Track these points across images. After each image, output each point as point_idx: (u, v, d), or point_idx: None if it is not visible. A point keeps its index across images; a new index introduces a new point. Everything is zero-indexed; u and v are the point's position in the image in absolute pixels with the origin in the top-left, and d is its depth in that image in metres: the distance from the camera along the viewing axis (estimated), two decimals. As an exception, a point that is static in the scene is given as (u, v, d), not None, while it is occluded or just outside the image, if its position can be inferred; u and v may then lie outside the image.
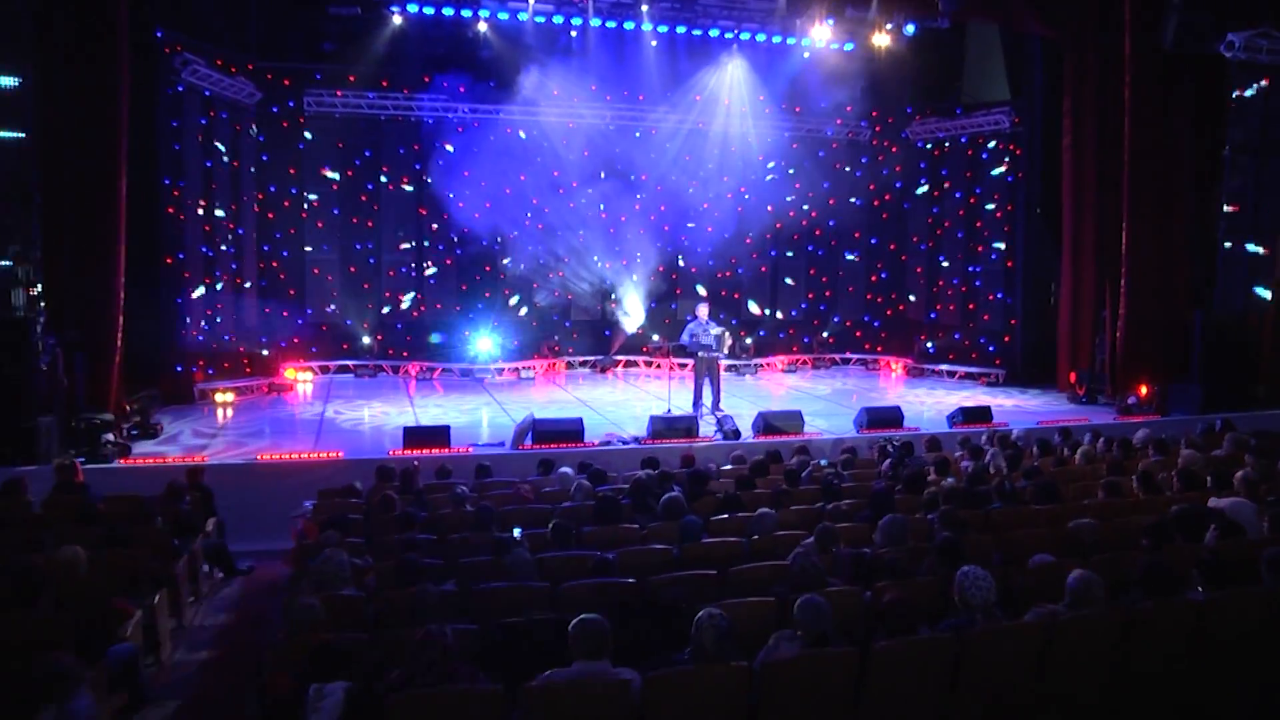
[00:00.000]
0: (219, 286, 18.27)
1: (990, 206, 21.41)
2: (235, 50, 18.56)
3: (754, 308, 23.34)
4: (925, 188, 22.86)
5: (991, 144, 21.25)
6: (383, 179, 20.73)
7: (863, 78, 21.20)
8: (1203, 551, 6.44)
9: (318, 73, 19.99)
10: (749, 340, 22.18)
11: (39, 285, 12.70)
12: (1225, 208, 16.83)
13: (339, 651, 4.81)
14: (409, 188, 20.65)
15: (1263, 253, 16.72)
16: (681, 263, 22.53)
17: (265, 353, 19.31)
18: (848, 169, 23.06)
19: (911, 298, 23.39)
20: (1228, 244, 16.85)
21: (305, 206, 20.42)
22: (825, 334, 23.78)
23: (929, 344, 22.26)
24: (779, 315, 23.60)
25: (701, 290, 22.11)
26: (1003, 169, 21.04)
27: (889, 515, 7.14)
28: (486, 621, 5.67)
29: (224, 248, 18.49)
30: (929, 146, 22.63)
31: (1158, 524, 6.78)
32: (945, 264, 22.46)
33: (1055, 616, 5.24)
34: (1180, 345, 17.24)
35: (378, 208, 20.87)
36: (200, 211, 17.74)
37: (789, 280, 23.66)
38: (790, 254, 23.55)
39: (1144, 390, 16.86)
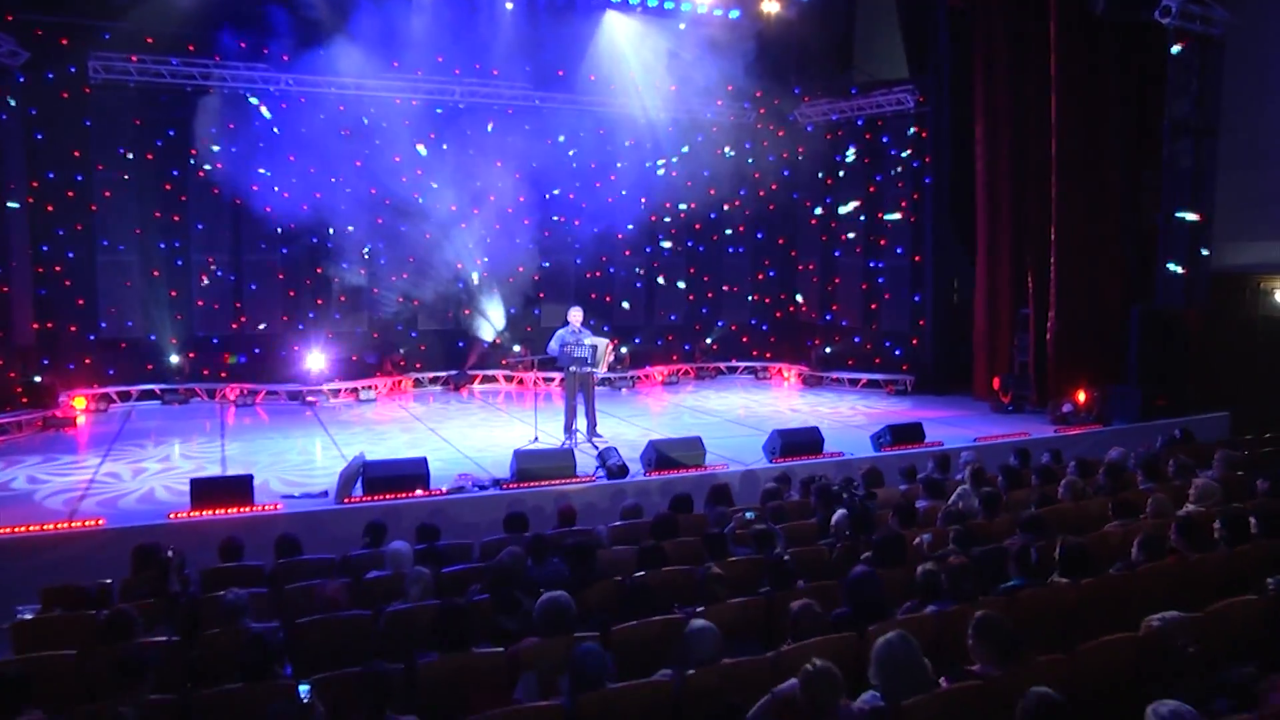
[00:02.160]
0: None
1: (893, 195, 19.24)
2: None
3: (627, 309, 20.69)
4: (817, 176, 20.60)
5: (893, 126, 19.09)
6: (191, 164, 17.03)
7: (745, 54, 18.75)
8: None
9: (105, 31, 16.16)
10: (624, 349, 19.48)
11: None
12: (1163, 192, 14.96)
13: None
14: (222, 175, 16.84)
15: (1181, 271, 14.90)
16: (545, 262, 19.59)
17: (40, 378, 15.58)
18: (730, 155, 20.55)
19: (802, 298, 21.13)
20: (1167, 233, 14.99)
21: (95, 197, 16.67)
22: (708, 340, 21.31)
23: (826, 349, 19.98)
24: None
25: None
26: (907, 153, 18.87)
27: (895, 636, 4.47)
28: None
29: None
30: (819, 130, 20.38)
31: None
32: (842, 260, 20.19)
33: None
34: (1115, 345, 15.43)
35: (185, 199, 17.27)
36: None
37: (666, 280, 21.05)
38: (667, 251, 20.95)
39: (1082, 396, 14.86)
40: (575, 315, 13.49)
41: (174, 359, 17.27)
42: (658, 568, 6.68)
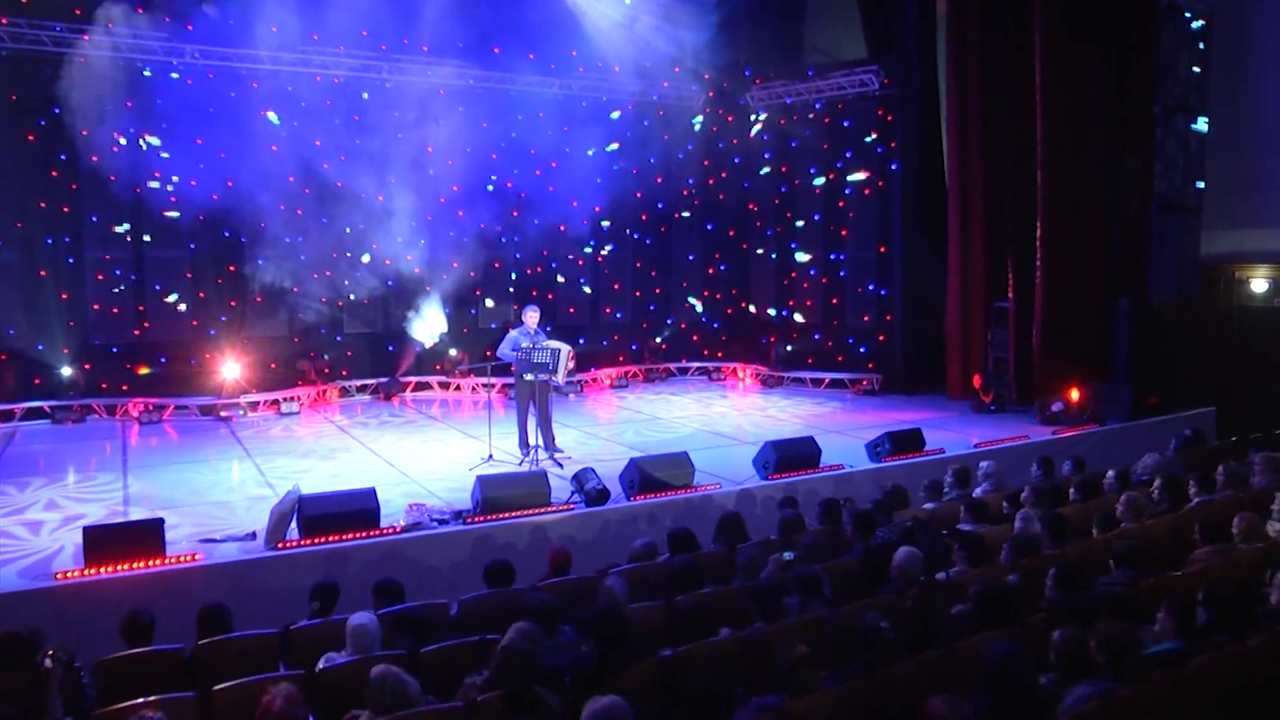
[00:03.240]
0: None
1: (856, 183, 18.06)
2: None
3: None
4: (770, 163, 19.38)
5: (855, 110, 17.93)
6: (81, 147, 14.82)
7: (693, 33, 17.40)
8: None
9: (-32, -11, 14.12)
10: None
11: None
12: (1155, 178, 14.08)
13: None
14: (119, 160, 14.83)
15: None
16: (482, 257, 17.96)
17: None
18: (677, 141, 19.23)
19: (758, 295, 19.90)
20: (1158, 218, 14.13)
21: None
22: (657, 339, 19.93)
23: (786, 347, 18.77)
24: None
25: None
26: (871, 138, 17.71)
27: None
28: None
29: None
30: (773, 114, 19.13)
31: None
32: (799, 252, 18.98)
33: None
34: (1099, 340, 14.58)
35: (75, 187, 15.17)
36: None
37: (611, 275, 19.64)
38: (612, 244, 19.48)
39: (1075, 395, 13.89)
40: (531, 316, 11.97)
41: (66, 371, 15.22)
42: (703, 638, 5.24)
